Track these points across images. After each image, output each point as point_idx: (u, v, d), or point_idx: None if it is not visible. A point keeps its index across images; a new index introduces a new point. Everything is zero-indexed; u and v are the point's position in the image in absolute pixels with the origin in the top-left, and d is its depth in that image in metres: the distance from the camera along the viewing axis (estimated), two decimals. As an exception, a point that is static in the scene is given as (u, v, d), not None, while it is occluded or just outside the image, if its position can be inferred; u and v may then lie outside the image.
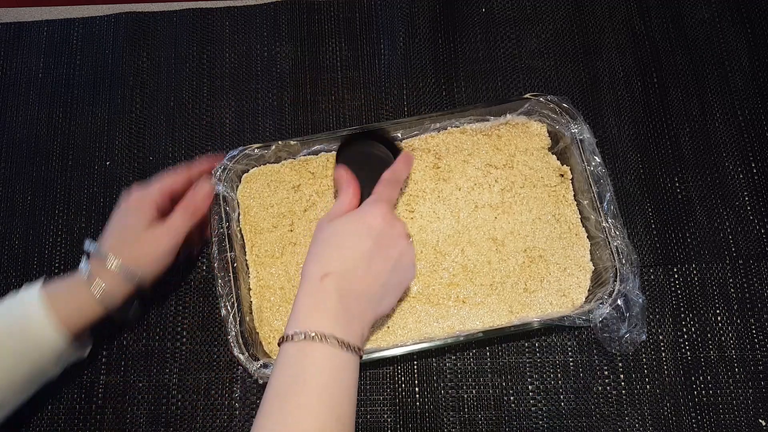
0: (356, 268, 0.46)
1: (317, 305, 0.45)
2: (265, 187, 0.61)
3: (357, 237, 0.48)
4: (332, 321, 0.44)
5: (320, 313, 0.44)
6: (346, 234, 0.48)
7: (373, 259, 0.47)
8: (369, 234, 0.48)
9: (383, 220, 0.49)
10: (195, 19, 0.71)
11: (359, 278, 0.46)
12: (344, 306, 0.45)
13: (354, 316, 0.46)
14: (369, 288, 0.47)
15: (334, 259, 0.47)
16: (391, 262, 0.48)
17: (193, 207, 0.54)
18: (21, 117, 0.68)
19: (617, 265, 0.54)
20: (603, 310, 0.53)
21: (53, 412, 0.57)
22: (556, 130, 0.61)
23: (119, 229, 0.53)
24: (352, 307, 0.46)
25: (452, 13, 0.70)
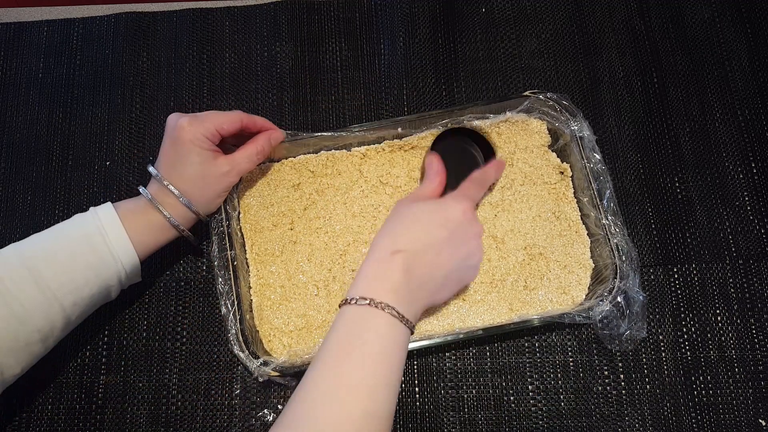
0: (426, 252, 0.48)
1: (383, 276, 0.46)
2: (265, 185, 0.61)
3: (434, 224, 0.49)
4: (395, 294, 0.45)
5: (385, 284, 0.45)
6: (423, 219, 0.49)
7: (443, 249, 0.48)
8: (446, 225, 0.49)
9: (463, 216, 0.50)
10: (195, 19, 0.71)
11: (426, 263, 0.48)
12: (407, 284, 0.46)
13: (414, 296, 0.47)
14: (431, 274, 0.48)
15: (407, 238, 0.48)
16: (459, 257, 0.49)
17: (263, 151, 0.56)
18: (21, 117, 0.68)
19: (617, 262, 0.55)
20: (603, 307, 0.53)
21: (53, 412, 0.57)
22: (555, 128, 0.61)
23: (180, 163, 0.52)
24: (414, 287, 0.47)
25: (452, 13, 0.70)
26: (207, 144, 0.52)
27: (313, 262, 0.59)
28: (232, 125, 0.54)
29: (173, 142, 0.52)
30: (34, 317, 0.46)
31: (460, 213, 0.50)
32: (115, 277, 0.51)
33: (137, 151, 0.66)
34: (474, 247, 0.50)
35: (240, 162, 0.54)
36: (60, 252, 0.48)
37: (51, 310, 0.47)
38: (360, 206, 0.61)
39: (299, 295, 0.58)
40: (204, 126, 0.52)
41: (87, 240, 0.49)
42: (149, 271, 0.55)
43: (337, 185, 0.61)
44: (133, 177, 0.65)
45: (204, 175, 0.53)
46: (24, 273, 0.46)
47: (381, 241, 0.48)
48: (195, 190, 0.53)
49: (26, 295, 0.46)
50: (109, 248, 0.50)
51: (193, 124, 0.52)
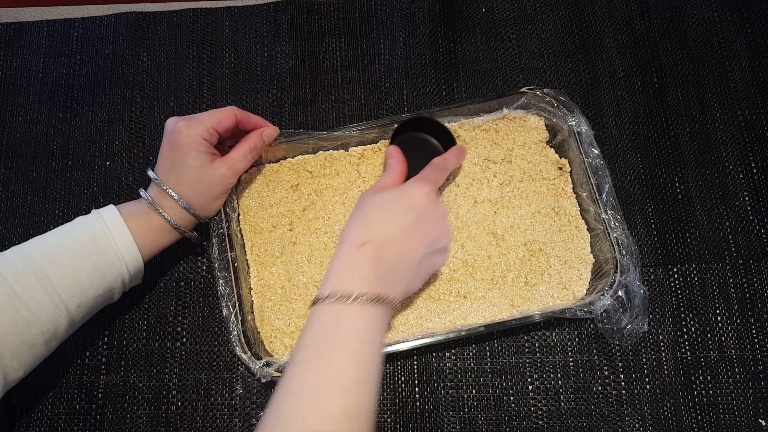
0: (395, 239, 0.47)
1: (353, 269, 0.45)
2: (264, 186, 0.61)
3: (399, 210, 0.48)
4: (365, 284, 0.44)
5: (355, 277, 0.45)
6: (387, 206, 0.49)
7: (412, 234, 0.48)
8: (411, 209, 0.49)
9: (427, 198, 0.49)
10: (195, 19, 0.71)
11: (396, 250, 0.47)
12: (379, 274, 0.46)
13: (387, 286, 0.46)
14: (404, 262, 0.48)
15: (373, 228, 0.47)
16: (429, 241, 0.49)
17: (256, 147, 0.56)
18: (21, 117, 0.68)
19: (617, 257, 0.55)
20: (604, 302, 0.54)
21: (53, 412, 0.57)
22: (553, 124, 0.61)
23: (179, 167, 0.52)
24: (386, 276, 0.46)
25: (452, 13, 0.70)
26: (205, 146, 0.52)
27: (313, 263, 0.59)
28: (228, 120, 0.54)
29: (171, 147, 0.52)
30: (41, 320, 0.46)
31: (423, 196, 0.49)
32: (119, 279, 0.51)
33: (137, 151, 0.66)
34: (442, 229, 0.50)
35: (236, 162, 0.54)
36: (65, 254, 0.48)
37: (57, 313, 0.47)
38: None
39: (300, 295, 0.58)
40: (201, 127, 0.52)
41: (93, 242, 0.49)
42: (149, 272, 0.55)
43: (336, 185, 0.61)
44: (133, 177, 0.65)
45: (202, 178, 0.53)
46: (31, 276, 0.46)
47: (348, 234, 0.48)
48: (194, 194, 0.53)
49: (33, 298, 0.46)
50: (115, 250, 0.50)
51: (190, 126, 0.52)
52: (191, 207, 0.53)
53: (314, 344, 0.43)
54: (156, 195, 0.53)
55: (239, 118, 0.55)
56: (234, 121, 0.54)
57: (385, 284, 0.46)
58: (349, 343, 0.43)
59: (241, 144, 0.55)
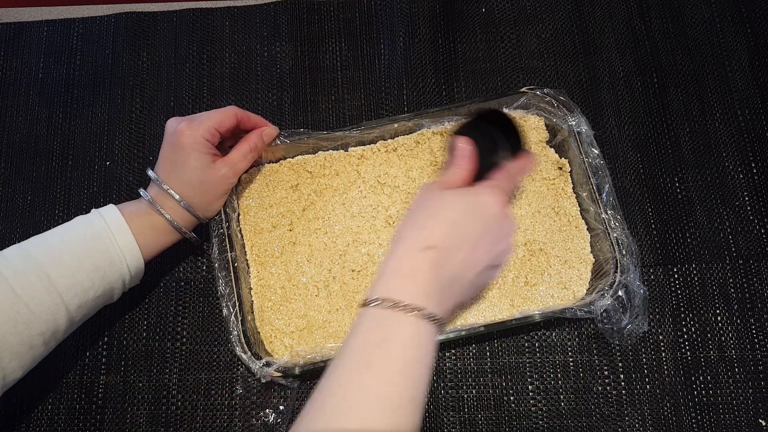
0: (460, 249, 0.43)
1: (411, 275, 0.42)
2: (264, 187, 0.61)
3: (469, 218, 0.44)
4: (420, 295, 0.41)
5: (412, 283, 0.41)
6: (457, 210, 0.44)
7: (478, 246, 0.44)
8: (482, 219, 0.45)
9: (500, 211, 0.45)
10: (195, 19, 0.71)
11: (459, 261, 0.43)
12: (437, 284, 0.42)
13: (443, 297, 0.43)
14: (464, 273, 0.44)
15: (439, 233, 0.43)
16: (493, 255, 0.45)
17: (256, 147, 0.56)
18: (21, 117, 0.68)
19: (617, 256, 0.55)
20: (604, 302, 0.54)
21: (53, 412, 0.57)
22: (553, 123, 0.61)
23: (180, 167, 0.52)
24: (444, 287, 0.43)
25: (452, 13, 0.70)
26: (207, 147, 0.52)
27: (312, 263, 0.59)
28: (229, 120, 0.54)
29: (173, 147, 0.52)
30: (40, 321, 0.46)
31: (498, 207, 0.45)
32: (120, 279, 0.51)
33: (137, 151, 0.66)
34: (507, 245, 0.46)
35: (236, 162, 0.55)
36: (66, 254, 0.48)
37: (57, 313, 0.47)
38: (359, 207, 0.61)
39: (300, 296, 0.58)
40: (203, 127, 0.52)
41: (94, 242, 0.49)
42: (150, 272, 0.55)
43: (336, 186, 0.61)
44: (133, 177, 0.65)
45: (203, 179, 0.53)
46: (31, 275, 0.46)
47: (409, 234, 0.44)
48: (195, 194, 0.53)
49: (34, 298, 0.46)
50: (116, 250, 0.50)
51: (192, 127, 0.52)
52: (192, 207, 0.53)
53: (363, 352, 0.39)
54: (156, 195, 0.53)
55: (240, 117, 0.55)
56: (235, 121, 0.54)
57: (441, 295, 0.42)
58: (400, 355, 0.39)
59: (241, 144, 0.55)
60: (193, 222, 0.55)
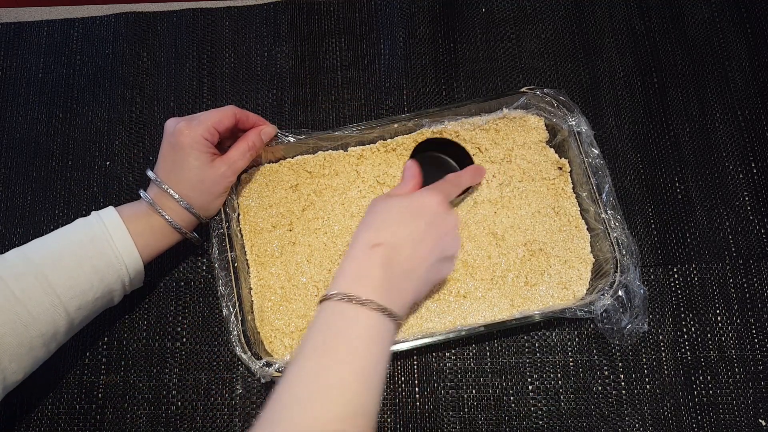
0: (406, 245, 0.47)
1: (362, 272, 0.45)
2: (264, 187, 0.61)
3: (411, 216, 0.48)
4: (374, 289, 0.44)
5: (365, 279, 0.45)
6: (400, 211, 0.49)
7: (423, 241, 0.48)
8: (423, 216, 0.49)
9: (438, 206, 0.50)
10: (195, 19, 0.71)
11: (407, 256, 0.47)
12: (389, 278, 0.45)
13: (396, 291, 0.46)
14: (415, 268, 0.48)
15: (385, 232, 0.47)
16: (439, 249, 0.49)
17: (254, 146, 0.56)
18: (21, 117, 0.68)
19: (617, 256, 0.55)
20: (604, 301, 0.54)
21: (53, 412, 0.57)
22: (553, 123, 0.61)
23: (180, 167, 0.52)
24: (396, 281, 0.46)
25: (452, 13, 0.70)
26: (206, 147, 0.53)
27: (312, 263, 0.59)
28: (228, 119, 0.54)
29: (172, 147, 0.52)
30: (39, 322, 0.46)
31: (435, 203, 0.49)
32: (119, 282, 0.51)
33: (137, 151, 0.66)
34: (452, 238, 0.50)
35: (235, 161, 0.55)
36: (65, 256, 0.48)
37: (56, 315, 0.47)
38: (358, 206, 0.61)
39: (299, 296, 0.58)
40: (202, 127, 0.52)
41: (93, 244, 0.49)
42: (149, 271, 0.55)
43: (335, 186, 0.61)
44: (133, 177, 0.65)
45: (203, 178, 0.53)
46: (30, 277, 0.46)
47: (359, 235, 0.48)
48: (195, 194, 0.53)
49: (32, 300, 0.46)
50: (115, 253, 0.50)
51: (191, 126, 0.52)
52: (192, 207, 0.53)
53: (319, 341, 0.43)
54: (156, 196, 0.53)
55: (239, 117, 0.55)
56: (234, 120, 0.55)
57: (394, 289, 0.46)
58: (355, 342, 0.42)
59: (239, 143, 0.56)
60: (193, 222, 0.55)
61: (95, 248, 0.49)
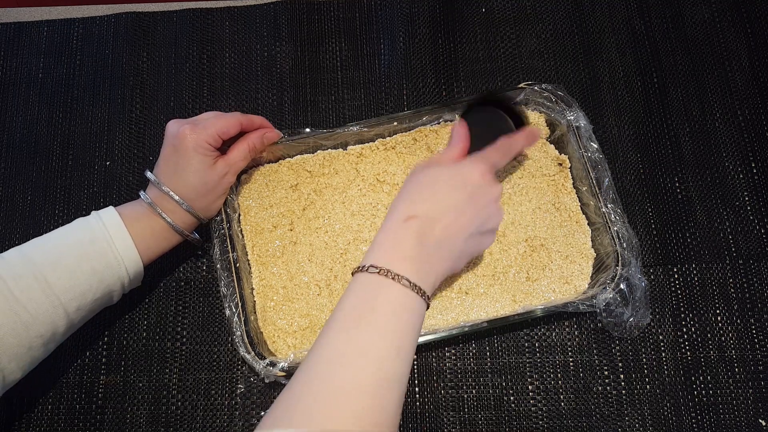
0: (444, 216, 0.46)
1: (396, 245, 0.45)
2: (264, 187, 0.61)
3: (451, 186, 0.47)
4: (408, 262, 0.44)
5: (398, 253, 0.44)
6: (440, 181, 0.48)
7: (462, 214, 0.47)
8: (464, 186, 0.47)
9: (481, 177, 0.48)
10: (195, 19, 0.71)
11: (444, 227, 0.46)
12: (422, 251, 0.45)
13: (429, 264, 0.45)
14: (451, 239, 0.47)
15: (422, 203, 0.46)
16: (480, 220, 0.48)
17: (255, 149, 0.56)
18: (21, 117, 0.68)
19: (618, 250, 0.55)
20: (606, 295, 0.54)
21: (53, 412, 0.57)
22: (552, 119, 0.61)
23: (183, 170, 0.52)
24: (430, 254, 0.45)
25: (452, 13, 0.70)
26: (209, 151, 0.53)
27: (314, 262, 0.59)
28: (234, 129, 0.54)
29: (175, 150, 0.52)
30: (39, 323, 0.46)
31: (478, 174, 0.48)
32: (119, 283, 0.51)
33: (137, 151, 0.66)
34: (493, 210, 0.49)
35: (236, 162, 0.55)
36: (65, 256, 0.48)
37: (55, 315, 0.47)
38: (358, 205, 0.61)
39: (302, 295, 0.58)
40: (206, 133, 0.52)
41: (93, 245, 0.49)
42: (149, 271, 0.55)
43: (335, 184, 0.61)
44: (133, 177, 0.65)
45: (206, 180, 0.53)
46: (30, 278, 0.46)
47: (396, 206, 0.47)
48: (196, 195, 0.53)
49: (32, 300, 0.46)
50: (114, 254, 0.50)
51: (195, 131, 0.52)
52: (194, 209, 0.53)
53: (354, 310, 0.43)
54: (156, 197, 0.53)
55: (244, 125, 0.55)
56: (239, 129, 0.55)
57: (427, 264, 0.45)
58: (387, 311, 0.42)
59: (240, 143, 0.56)
60: (194, 223, 0.55)
61: (95, 250, 0.49)
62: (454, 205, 0.47)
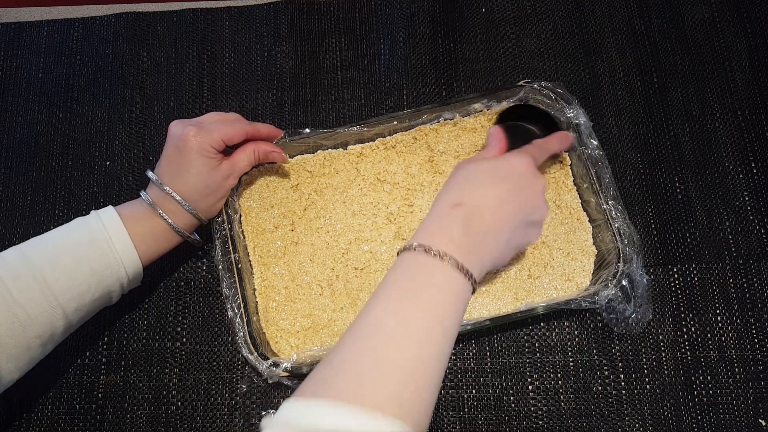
0: (489, 206, 0.46)
1: (442, 229, 0.44)
2: (265, 187, 0.61)
3: (497, 178, 0.47)
4: (453, 245, 0.43)
5: (444, 236, 0.44)
6: (485, 173, 0.47)
7: (508, 202, 0.46)
8: (509, 176, 0.47)
9: (527, 168, 0.48)
10: (195, 19, 0.71)
11: (490, 214, 0.45)
12: (468, 238, 0.44)
13: (476, 251, 0.44)
14: (497, 227, 0.46)
15: (469, 193, 0.46)
16: (525, 211, 0.47)
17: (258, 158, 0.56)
18: (21, 117, 0.68)
19: (620, 246, 0.55)
20: (608, 291, 0.54)
21: (53, 412, 0.57)
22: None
23: (186, 171, 0.52)
24: (475, 242, 0.45)
25: (452, 13, 0.70)
26: (213, 153, 0.53)
27: (315, 262, 0.59)
28: (238, 137, 0.54)
29: (179, 151, 0.52)
30: (37, 323, 0.46)
31: (524, 165, 0.48)
32: (117, 283, 0.51)
33: (137, 151, 0.66)
34: (539, 201, 0.48)
35: (240, 165, 0.55)
36: (64, 257, 0.48)
37: (54, 316, 0.47)
38: (359, 204, 0.61)
39: (304, 295, 0.58)
40: (211, 137, 0.52)
41: (92, 246, 0.49)
42: (149, 271, 0.55)
43: (336, 184, 0.61)
44: (133, 177, 0.65)
45: (209, 182, 0.53)
46: (28, 278, 0.46)
47: (441, 196, 0.47)
48: (199, 196, 0.53)
49: (30, 300, 0.46)
50: (114, 255, 0.50)
51: (201, 134, 0.52)
52: (195, 210, 0.53)
53: (399, 286, 0.42)
54: (158, 198, 0.53)
55: (250, 134, 0.55)
56: (244, 138, 0.55)
57: (474, 249, 0.44)
58: (432, 291, 0.41)
59: (247, 148, 0.56)
60: (195, 224, 0.55)
61: (94, 250, 0.49)
62: (501, 195, 0.46)
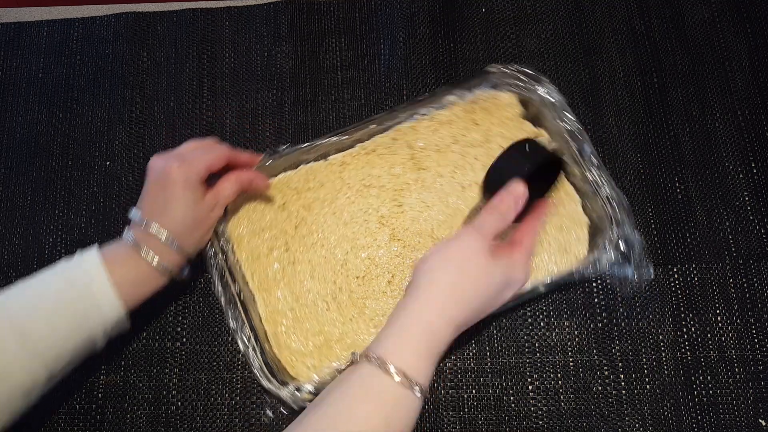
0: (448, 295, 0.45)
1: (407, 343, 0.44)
2: (252, 212, 0.60)
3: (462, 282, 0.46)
4: (415, 362, 0.43)
5: (408, 350, 0.44)
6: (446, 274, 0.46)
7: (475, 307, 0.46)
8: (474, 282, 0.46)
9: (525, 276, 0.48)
10: (195, 19, 0.71)
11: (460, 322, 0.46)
12: (431, 348, 0.44)
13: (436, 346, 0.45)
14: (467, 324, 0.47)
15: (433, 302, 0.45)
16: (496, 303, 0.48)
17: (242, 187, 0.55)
18: (21, 117, 0.68)
19: (610, 212, 0.56)
20: (609, 255, 0.55)
21: (53, 412, 0.57)
22: (525, 97, 0.62)
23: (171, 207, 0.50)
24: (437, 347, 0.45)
25: (452, 13, 0.70)
26: (197, 184, 0.51)
27: (316, 279, 0.59)
28: (220, 162, 0.53)
29: (162, 188, 0.50)
30: (15, 373, 0.44)
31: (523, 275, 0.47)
32: (100, 330, 0.48)
33: (137, 151, 0.66)
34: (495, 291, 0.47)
35: (224, 194, 0.54)
36: (42, 303, 0.46)
37: (32, 364, 0.45)
38: (349, 213, 0.60)
39: (311, 313, 0.57)
40: (194, 167, 0.51)
41: (70, 292, 0.47)
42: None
43: (323, 197, 0.61)
44: (133, 177, 0.65)
45: (195, 216, 0.51)
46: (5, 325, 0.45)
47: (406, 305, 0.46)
48: (186, 230, 0.51)
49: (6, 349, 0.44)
50: (93, 301, 0.47)
51: (183, 167, 0.50)
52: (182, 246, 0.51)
53: (343, 398, 0.42)
54: (142, 237, 0.50)
55: (230, 159, 0.54)
56: (225, 163, 0.54)
57: (434, 355, 0.45)
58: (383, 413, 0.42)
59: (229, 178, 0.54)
60: (183, 260, 0.53)
61: (72, 297, 0.47)
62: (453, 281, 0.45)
